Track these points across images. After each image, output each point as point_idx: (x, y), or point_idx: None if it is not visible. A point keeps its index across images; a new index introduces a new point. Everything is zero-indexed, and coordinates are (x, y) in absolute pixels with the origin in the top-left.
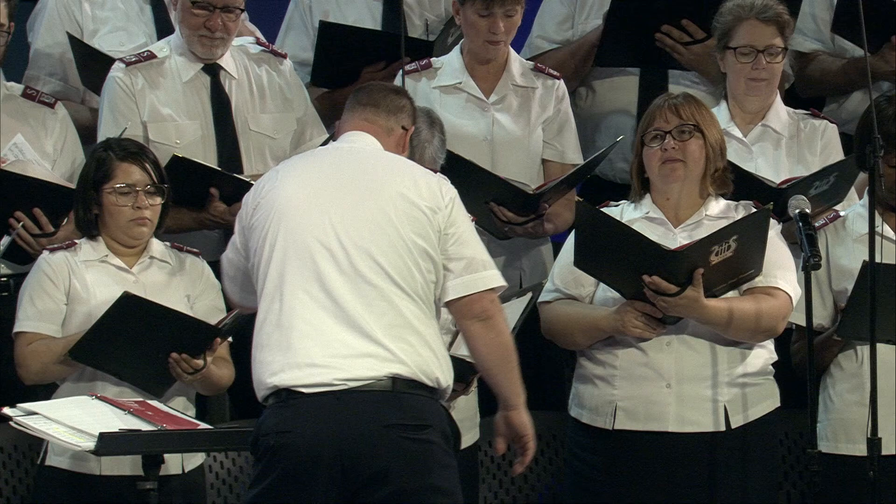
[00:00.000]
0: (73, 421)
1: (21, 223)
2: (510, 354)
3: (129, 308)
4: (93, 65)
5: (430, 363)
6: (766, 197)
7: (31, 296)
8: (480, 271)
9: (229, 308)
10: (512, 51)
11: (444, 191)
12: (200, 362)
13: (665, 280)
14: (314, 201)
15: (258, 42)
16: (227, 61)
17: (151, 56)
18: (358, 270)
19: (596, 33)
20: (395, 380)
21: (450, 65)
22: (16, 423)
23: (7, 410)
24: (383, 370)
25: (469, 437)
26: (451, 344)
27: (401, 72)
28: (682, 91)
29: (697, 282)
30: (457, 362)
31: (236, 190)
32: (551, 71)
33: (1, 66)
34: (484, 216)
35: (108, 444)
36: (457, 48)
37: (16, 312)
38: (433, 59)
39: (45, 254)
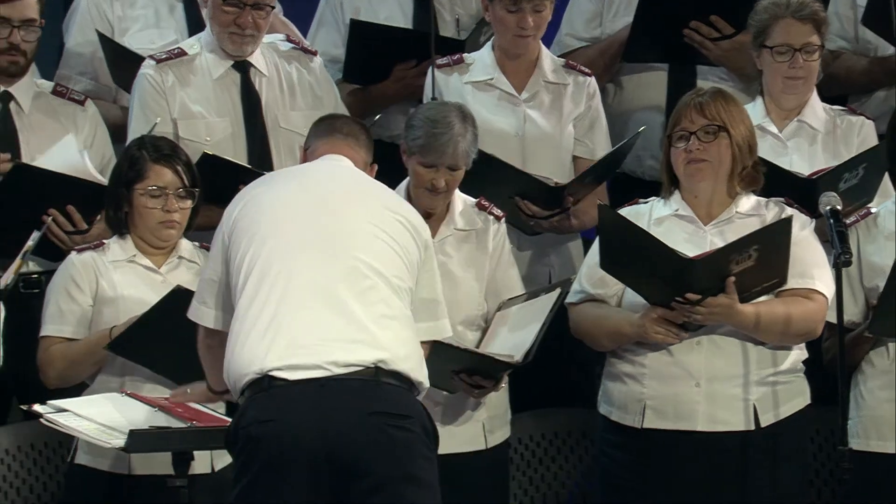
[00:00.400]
0: (104, 418)
1: (53, 220)
2: None
3: (181, 302)
4: (123, 63)
5: (413, 360)
6: (797, 190)
7: (55, 299)
8: (441, 318)
9: None
10: (543, 47)
11: (426, 229)
12: None
13: (685, 287)
14: (303, 203)
15: (288, 39)
16: (257, 58)
17: (182, 53)
18: (350, 263)
19: (625, 31)
20: (379, 369)
21: (481, 60)
22: (46, 420)
23: (37, 407)
24: (369, 356)
25: (500, 435)
26: (479, 341)
27: (431, 67)
28: (712, 87)
29: (731, 289)
30: (487, 360)
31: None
32: (583, 68)
33: (32, 62)
34: (510, 211)
35: (138, 441)
36: (488, 45)
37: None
38: (465, 55)
39: (73, 255)
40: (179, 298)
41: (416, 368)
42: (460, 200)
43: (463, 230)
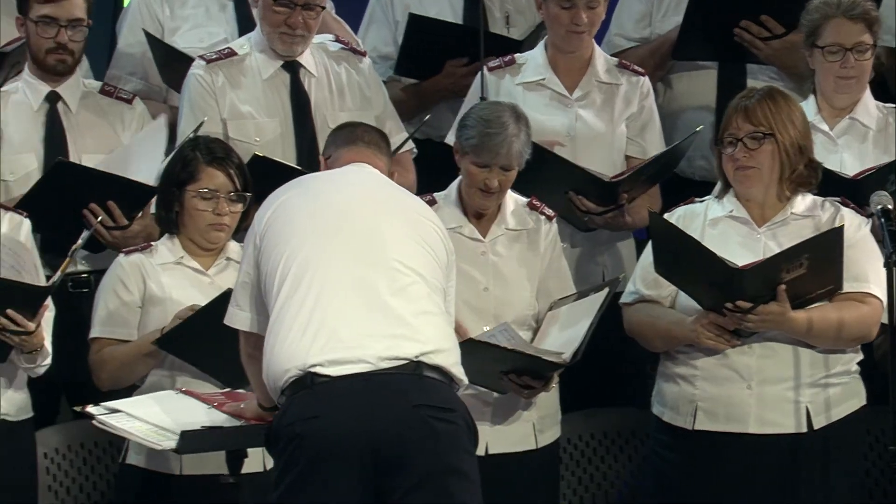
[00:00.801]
0: (156, 419)
1: (97, 217)
2: None
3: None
4: (172, 63)
5: (453, 356)
6: (842, 190)
7: (104, 301)
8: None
9: None
10: (597, 47)
11: (447, 234)
12: None
13: (736, 295)
14: (336, 206)
15: (337, 39)
16: (306, 59)
17: (232, 53)
18: (387, 264)
19: (675, 31)
20: (421, 363)
21: (533, 60)
22: (98, 422)
23: (90, 409)
24: (411, 350)
25: (550, 434)
26: (531, 341)
27: (483, 69)
28: (763, 86)
29: (782, 297)
30: (535, 360)
31: None
32: (636, 67)
33: (80, 61)
34: (564, 207)
35: (190, 442)
36: (541, 44)
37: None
38: (517, 56)
39: (120, 257)
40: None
41: (456, 364)
42: (512, 200)
43: (514, 230)
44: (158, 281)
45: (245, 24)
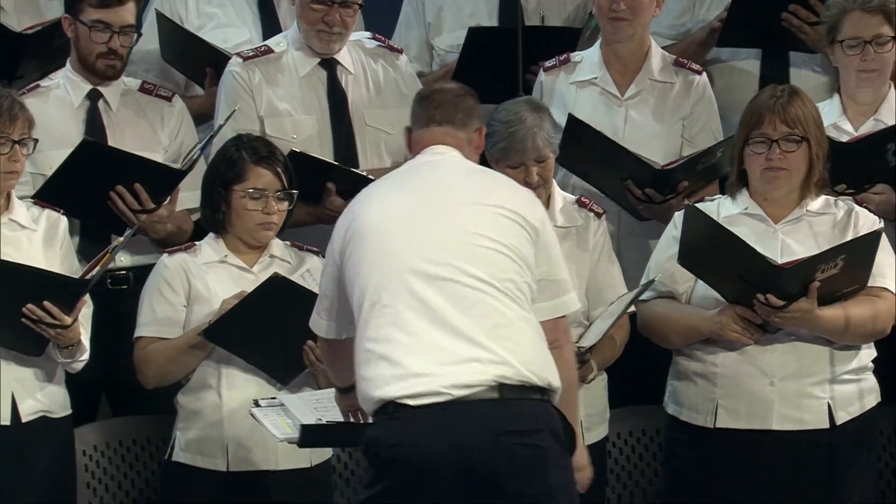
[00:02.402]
0: (304, 414)
1: (120, 197)
2: (573, 389)
3: (275, 289)
4: (177, 40)
5: (538, 362)
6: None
7: (149, 300)
8: (562, 296)
9: None
10: (654, 44)
11: (537, 208)
12: None
13: (769, 291)
14: (407, 217)
15: (374, 37)
16: (343, 56)
17: (269, 51)
18: (455, 279)
19: (703, 32)
20: (502, 385)
21: (589, 59)
22: (252, 414)
23: (261, 401)
24: (489, 373)
25: (598, 433)
26: (580, 336)
27: (541, 70)
28: (786, 86)
29: (813, 295)
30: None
31: (353, 184)
32: (693, 66)
33: (126, 65)
34: (620, 194)
35: (310, 436)
36: (597, 43)
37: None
38: (572, 54)
39: (164, 257)
40: (277, 286)
41: (543, 368)
42: (560, 197)
43: (563, 227)
44: (203, 280)
45: (268, 23)
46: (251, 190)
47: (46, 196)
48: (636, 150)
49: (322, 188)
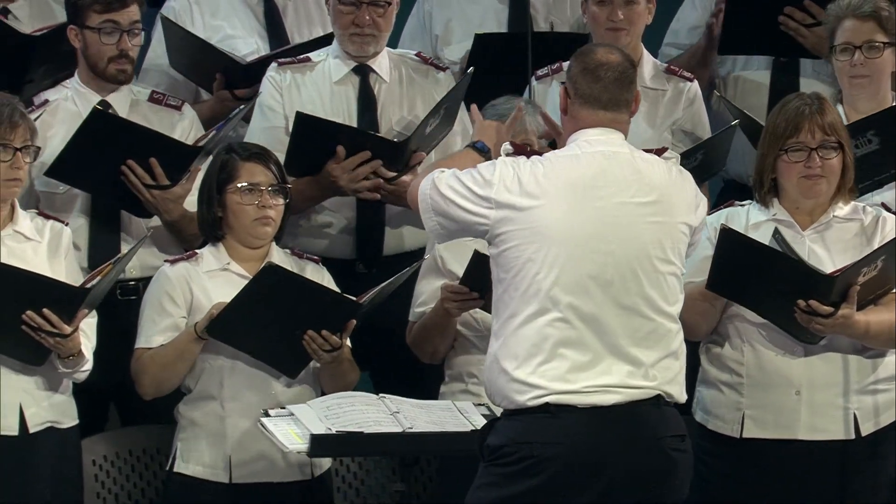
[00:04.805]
0: (314, 424)
1: (132, 172)
2: None
3: (271, 279)
4: (182, 46)
5: (683, 386)
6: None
7: (149, 312)
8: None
9: None
10: (645, 52)
11: (695, 209)
12: (339, 339)
13: (815, 299)
14: (582, 233)
15: (418, 55)
16: (379, 64)
17: (306, 59)
18: (632, 307)
19: (704, 38)
20: (660, 397)
21: None
22: (260, 423)
23: (270, 410)
24: (650, 394)
25: None
26: None
27: (532, 78)
28: (813, 93)
29: (852, 299)
30: None
31: (364, 146)
32: (684, 73)
33: (134, 67)
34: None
35: (320, 446)
36: None
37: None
38: (565, 63)
39: (165, 267)
40: (272, 276)
41: (682, 392)
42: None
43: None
44: (204, 288)
45: (275, 34)
46: (244, 185)
47: (59, 171)
48: None
49: (331, 154)
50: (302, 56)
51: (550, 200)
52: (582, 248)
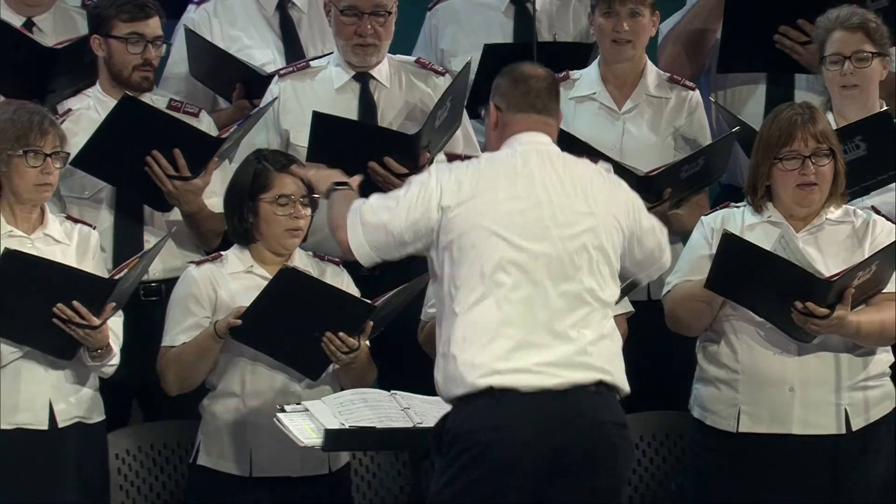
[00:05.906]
0: (328, 419)
1: (156, 161)
2: None
3: (287, 282)
4: (204, 56)
5: (622, 372)
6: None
7: (174, 312)
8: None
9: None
10: (649, 62)
11: (626, 203)
12: (356, 341)
13: (813, 302)
14: (523, 220)
15: (418, 61)
16: (379, 71)
17: (306, 66)
18: (573, 292)
19: (689, 23)
20: (601, 384)
21: (587, 76)
22: (276, 418)
23: (287, 406)
24: (592, 377)
25: None
26: None
27: None
28: (803, 102)
29: (847, 301)
30: None
31: (380, 143)
32: (687, 82)
33: (154, 78)
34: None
35: (334, 440)
36: (596, 60)
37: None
38: (572, 72)
39: (191, 268)
40: (289, 278)
41: (624, 379)
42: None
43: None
44: (229, 289)
45: (290, 45)
46: (279, 197)
47: (85, 161)
48: (633, 162)
49: (344, 152)
50: (301, 63)
51: (490, 190)
52: (522, 233)
